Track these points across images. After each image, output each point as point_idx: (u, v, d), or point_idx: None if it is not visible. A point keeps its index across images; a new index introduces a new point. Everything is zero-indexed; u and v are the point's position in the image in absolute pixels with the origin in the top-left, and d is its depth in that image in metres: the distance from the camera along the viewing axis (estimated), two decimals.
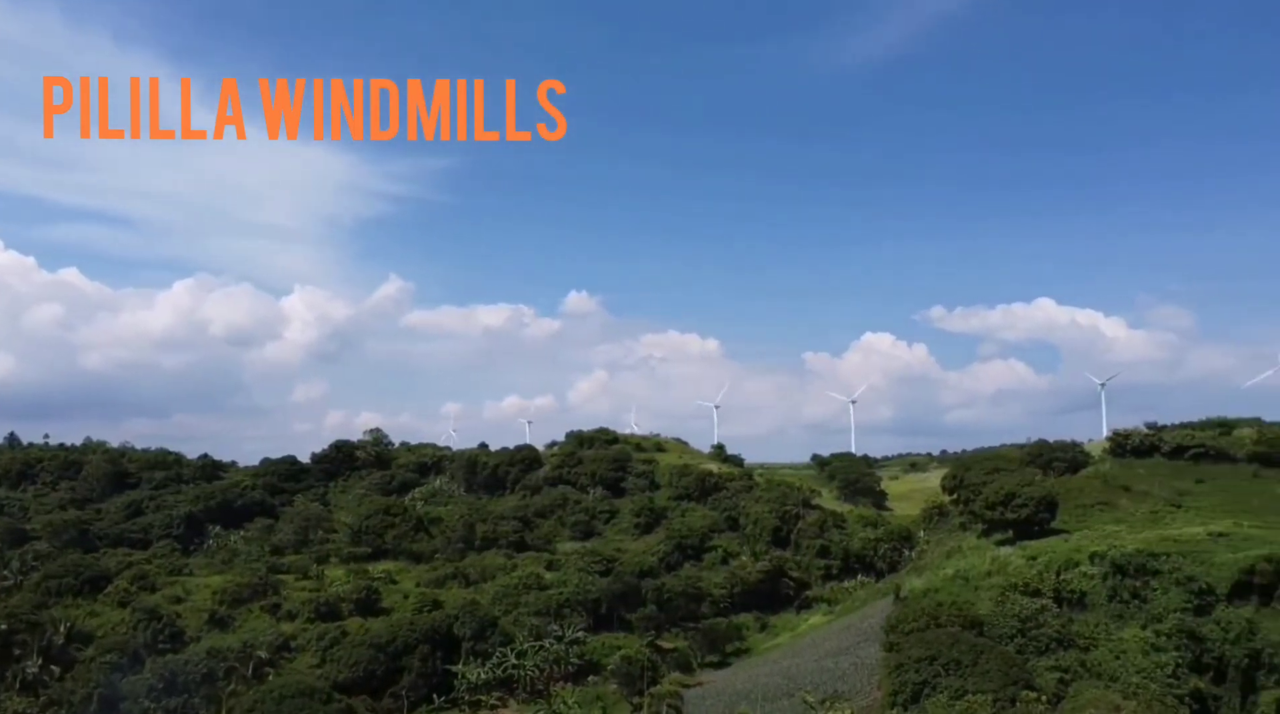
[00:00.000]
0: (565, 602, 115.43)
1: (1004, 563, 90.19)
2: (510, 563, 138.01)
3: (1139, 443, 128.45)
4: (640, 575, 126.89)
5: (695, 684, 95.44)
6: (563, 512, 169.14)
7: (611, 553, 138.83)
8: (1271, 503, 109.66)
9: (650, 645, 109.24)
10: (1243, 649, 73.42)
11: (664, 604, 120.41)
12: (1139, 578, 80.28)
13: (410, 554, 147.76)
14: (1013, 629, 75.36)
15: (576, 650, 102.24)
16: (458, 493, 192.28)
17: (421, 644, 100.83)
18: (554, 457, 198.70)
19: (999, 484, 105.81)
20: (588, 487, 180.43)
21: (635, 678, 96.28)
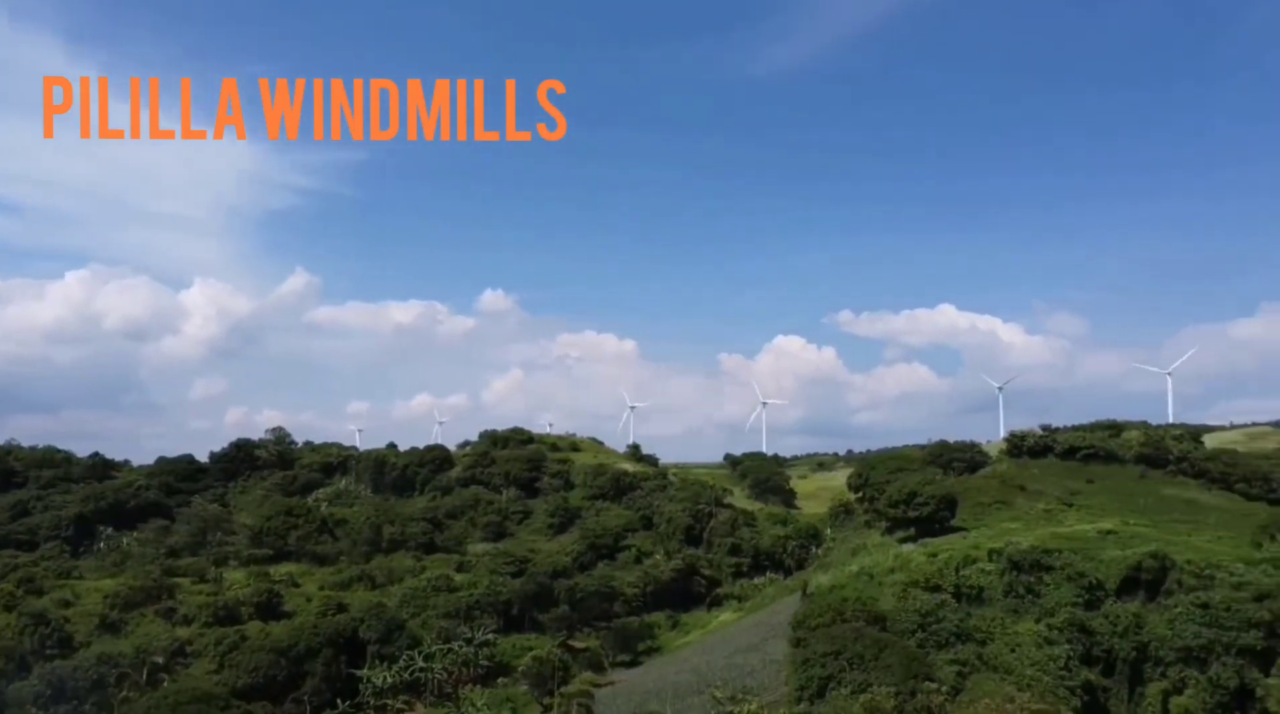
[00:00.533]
0: (475, 603, 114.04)
1: (906, 560, 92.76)
2: (419, 565, 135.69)
3: (1034, 444, 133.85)
4: (553, 576, 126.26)
5: (606, 683, 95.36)
6: (474, 512, 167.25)
7: (524, 553, 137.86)
8: (1157, 502, 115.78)
9: (562, 646, 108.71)
10: (1130, 642, 77.09)
11: (577, 604, 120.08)
12: (1033, 574, 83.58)
13: (314, 556, 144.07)
14: (914, 624, 77.52)
15: (486, 652, 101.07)
16: (364, 494, 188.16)
17: (325, 648, 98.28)
18: (466, 457, 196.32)
19: (902, 483, 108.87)
20: (501, 487, 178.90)
21: (546, 678, 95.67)
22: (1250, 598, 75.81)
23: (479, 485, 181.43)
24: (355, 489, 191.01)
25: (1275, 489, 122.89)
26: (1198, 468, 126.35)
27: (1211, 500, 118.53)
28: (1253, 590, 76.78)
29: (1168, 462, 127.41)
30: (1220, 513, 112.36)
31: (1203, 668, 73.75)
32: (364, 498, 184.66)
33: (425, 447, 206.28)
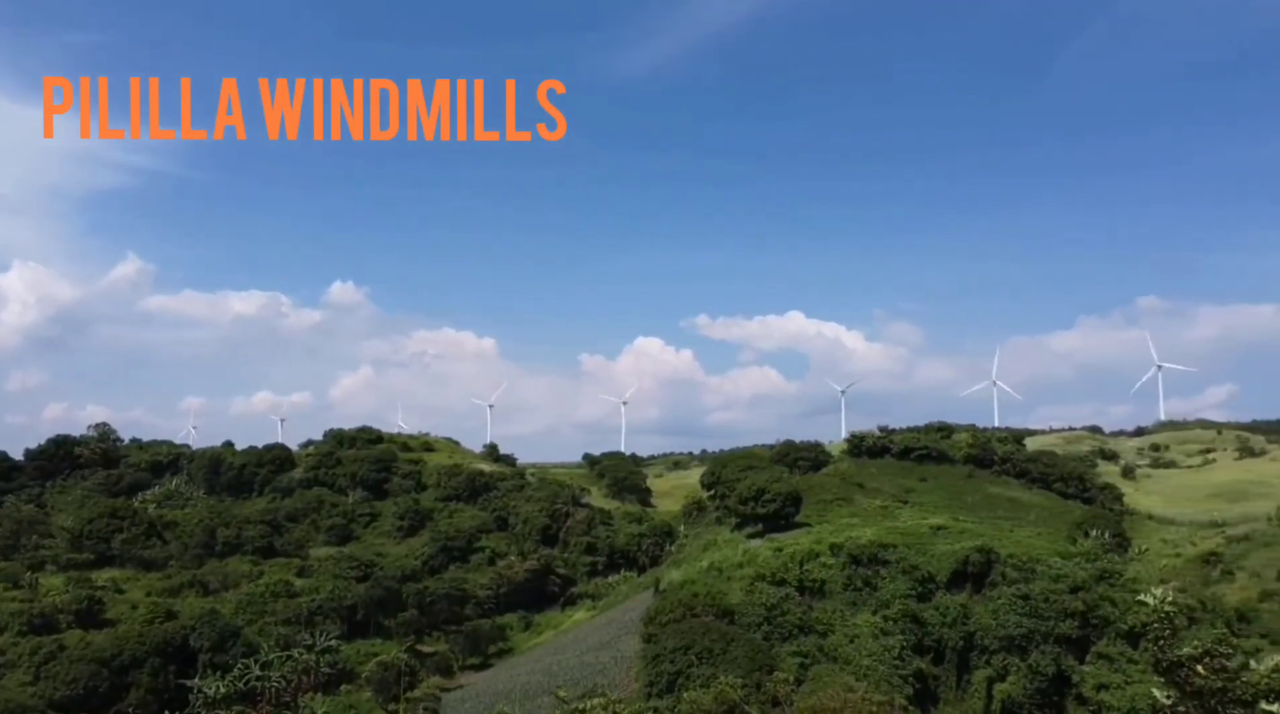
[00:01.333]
0: (318, 609, 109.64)
1: (754, 554, 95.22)
2: (256, 570, 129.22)
3: (873, 444, 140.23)
4: (401, 579, 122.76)
5: (455, 687, 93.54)
6: (317, 515, 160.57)
7: (371, 557, 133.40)
8: (983, 500, 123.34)
9: (409, 650, 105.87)
10: (958, 632, 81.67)
11: (426, 608, 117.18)
12: (871, 567, 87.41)
13: (140, 561, 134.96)
14: (760, 617, 79.60)
15: (329, 659, 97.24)
16: (197, 495, 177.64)
17: (152, 658, 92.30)
18: (309, 456, 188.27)
19: (751, 481, 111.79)
20: (347, 488, 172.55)
21: (391, 684, 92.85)
22: (1066, 589, 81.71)
23: (323, 486, 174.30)
24: (187, 490, 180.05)
25: (1089, 489, 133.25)
26: (1020, 468, 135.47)
27: (1032, 498, 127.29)
28: (1069, 583, 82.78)
29: (993, 462, 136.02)
30: (1039, 510, 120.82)
31: (1024, 656, 78.90)
32: (197, 499, 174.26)
33: (265, 446, 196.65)
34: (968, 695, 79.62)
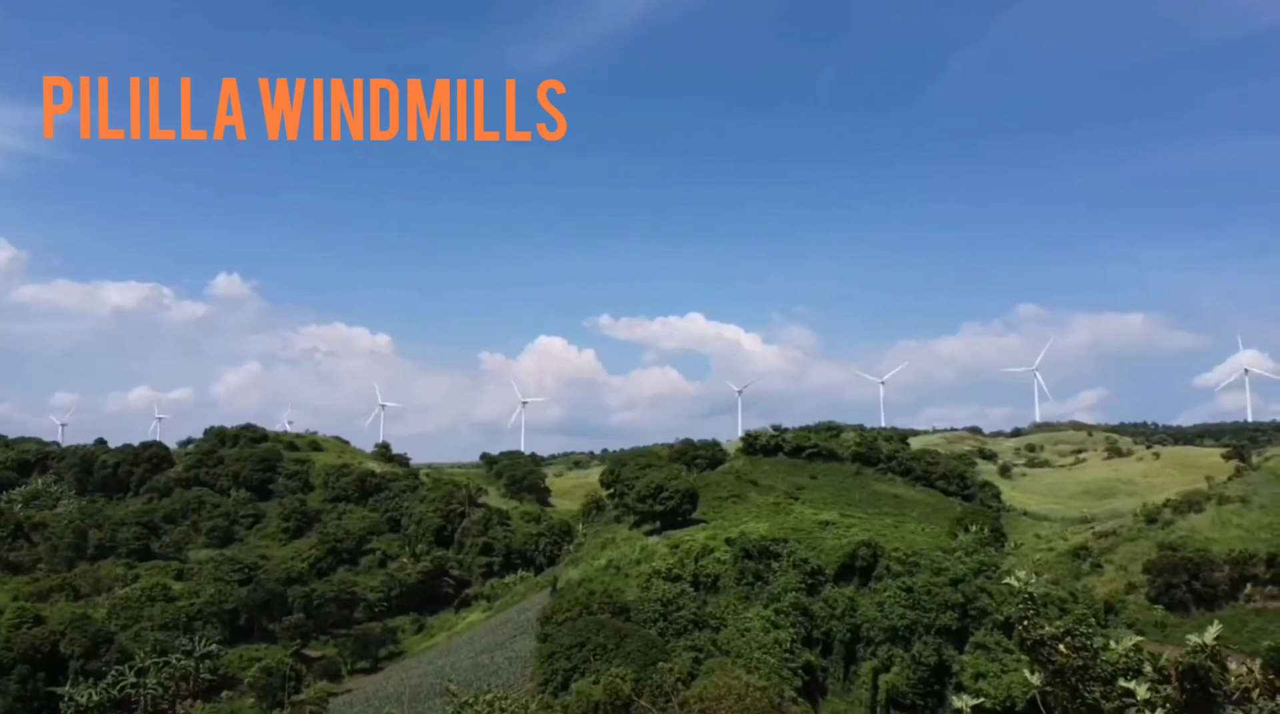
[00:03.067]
0: (197, 613, 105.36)
1: (651, 551, 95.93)
2: (131, 573, 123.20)
3: (766, 443, 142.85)
4: (286, 582, 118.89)
5: (343, 691, 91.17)
6: (197, 516, 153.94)
7: (254, 560, 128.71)
8: (869, 496, 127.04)
9: (295, 655, 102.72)
10: (846, 624, 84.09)
11: (312, 611, 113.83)
12: (763, 561, 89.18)
13: (6, 564, 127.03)
14: (656, 613, 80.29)
15: (209, 665, 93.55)
16: (67, 495, 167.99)
17: (19, 665, 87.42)
18: (189, 455, 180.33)
19: (649, 479, 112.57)
20: (229, 488, 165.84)
21: (276, 690, 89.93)
22: (947, 582, 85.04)
23: (203, 486, 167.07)
24: (56, 489, 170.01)
25: (968, 486, 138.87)
26: (904, 466, 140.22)
27: (915, 495, 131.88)
28: (949, 576, 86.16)
29: (879, 460, 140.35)
30: (922, 507, 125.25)
31: (907, 646, 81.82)
32: (67, 500, 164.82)
33: (141, 444, 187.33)
34: (854, 686, 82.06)
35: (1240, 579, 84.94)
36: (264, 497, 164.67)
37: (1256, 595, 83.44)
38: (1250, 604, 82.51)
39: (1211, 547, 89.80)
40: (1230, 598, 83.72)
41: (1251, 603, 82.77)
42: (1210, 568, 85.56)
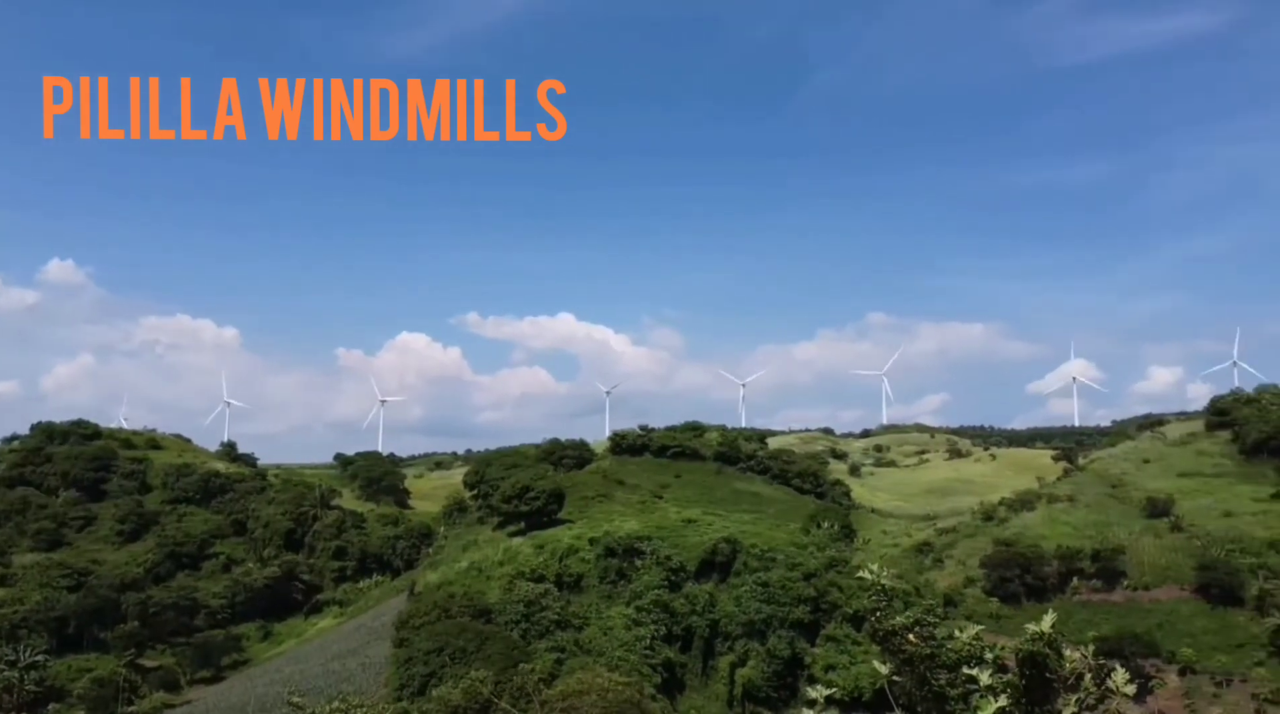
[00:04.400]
0: (21, 621, 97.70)
1: (515, 552, 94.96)
2: None
3: (633, 442, 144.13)
4: (120, 588, 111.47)
5: (182, 702, 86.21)
6: (22, 517, 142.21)
7: (85, 564, 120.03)
8: (730, 494, 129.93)
9: (129, 665, 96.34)
10: (705, 620, 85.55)
11: (149, 619, 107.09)
12: (626, 559, 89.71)
13: None
14: (518, 615, 79.49)
15: (35, 676, 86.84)
16: None
17: None
18: (13, 453, 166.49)
19: (515, 479, 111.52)
20: (58, 488, 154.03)
21: (109, 701, 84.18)
22: (801, 577, 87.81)
23: (29, 486, 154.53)
24: None
25: (821, 485, 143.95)
26: (762, 465, 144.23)
27: (773, 493, 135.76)
28: (803, 570, 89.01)
29: (740, 460, 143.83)
30: (779, 504, 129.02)
31: (763, 640, 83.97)
32: None
33: None
34: (712, 681, 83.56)
35: (1068, 573, 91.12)
36: (96, 498, 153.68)
37: (1082, 589, 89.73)
38: (1076, 597, 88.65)
39: (1042, 543, 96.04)
40: (1059, 591, 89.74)
41: (1078, 596, 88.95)
42: (1041, 563, 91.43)
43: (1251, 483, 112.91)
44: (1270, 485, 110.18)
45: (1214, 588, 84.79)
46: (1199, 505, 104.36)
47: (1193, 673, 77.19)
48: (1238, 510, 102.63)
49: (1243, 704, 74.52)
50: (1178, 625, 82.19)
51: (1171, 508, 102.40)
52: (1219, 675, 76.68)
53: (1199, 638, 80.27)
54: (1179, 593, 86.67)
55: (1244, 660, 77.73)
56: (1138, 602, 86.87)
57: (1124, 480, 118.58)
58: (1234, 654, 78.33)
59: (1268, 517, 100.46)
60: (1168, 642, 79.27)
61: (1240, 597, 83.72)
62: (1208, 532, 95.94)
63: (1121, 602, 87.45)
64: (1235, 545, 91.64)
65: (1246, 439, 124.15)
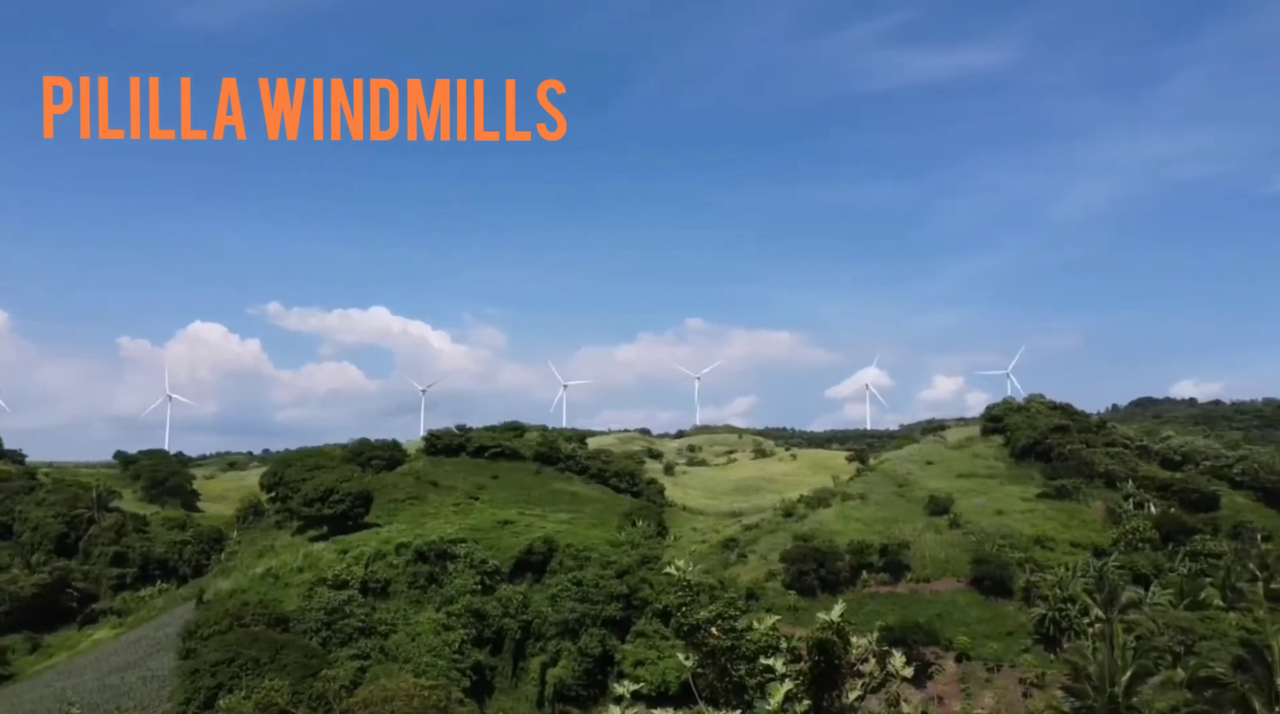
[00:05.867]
0: None
1: (316, 558, 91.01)
2: None
3: (449, 442, 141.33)
4: None
5: None
6: None
7: None
8: (548, 494, 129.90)
9: None
10: (518, 622, 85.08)
11: None
12: (438, 564, 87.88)
13: None
14: (319, 622, 76.23)
15: None
16: None
17: None
18: None
19: (318, 481, 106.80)
20: None
21: None
22: (614, 575, 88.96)
23: None
24: None
25: (637, 484, 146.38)
26: (581, 465, 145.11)
27: (590, 493, 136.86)
28: (616, 568, 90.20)
29: (559, 460, 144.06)
30: (596, 503, 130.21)
31: (575, 639, 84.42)
32: None
33: None
34: (522, 682, 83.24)
35: (858, 567, 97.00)
36: None
37: (871, 581, 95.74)
38: (866, 589, 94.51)
39: (836, 538, 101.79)
40: (850, 583, 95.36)
41: (867, 588, 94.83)
42: (835, 557, 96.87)
43: (1020, 484, 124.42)
44: (1036, 486, 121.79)
45: (986, 580, 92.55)
46: (974, 504, 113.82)
47: (968, 659, 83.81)
48: (1008, 509, 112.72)
49: (1011, 688, 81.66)
50: (955, 615, 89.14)
51: (950, 506, 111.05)
52: (991, 662, 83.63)
53: (973, 627, 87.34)
54: (956, 585, 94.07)
55: (1013, 648, 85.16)
56: (920, 593, 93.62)
57: (909, 480, 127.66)
58: (1004, 642, 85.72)
59: (1033, 515, 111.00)
60: (946, 630, 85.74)
61: (1010, 588, 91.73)
62: (981, 528, 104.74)
63: (906, 593, 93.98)
64: (1005, 541, 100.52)
65: (1016, 444, 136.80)
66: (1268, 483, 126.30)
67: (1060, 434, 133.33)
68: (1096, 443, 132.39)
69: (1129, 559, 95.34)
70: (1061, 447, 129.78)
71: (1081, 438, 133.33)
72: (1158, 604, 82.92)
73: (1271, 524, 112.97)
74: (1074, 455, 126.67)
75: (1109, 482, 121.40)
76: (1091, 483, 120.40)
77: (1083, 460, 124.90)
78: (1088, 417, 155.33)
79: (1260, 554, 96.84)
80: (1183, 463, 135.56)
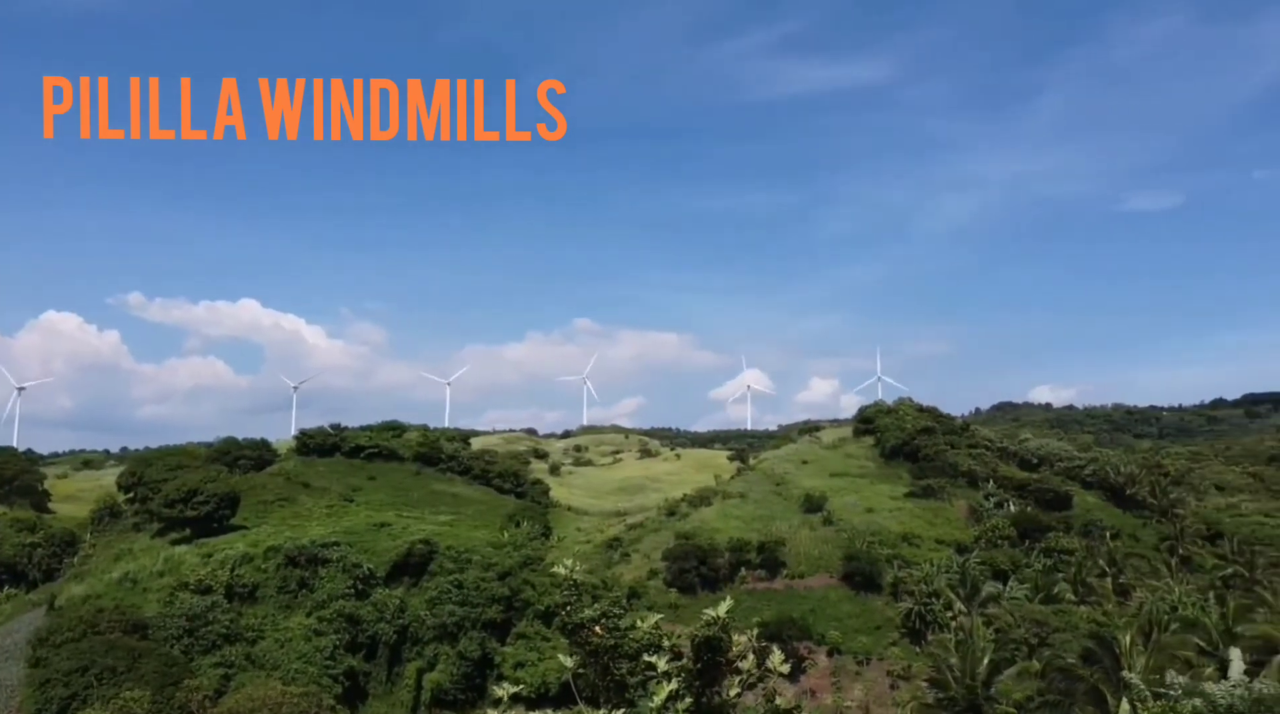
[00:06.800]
0: None
1: (178, 562, 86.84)
2: None
3: (322, 442, 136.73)
4: None
5: None
6: None
7: None
8: (428, 496, 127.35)
9: None
10: (393, 626, 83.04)
11: None
12: (309, 568, 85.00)
13: None
14: (180, 629, 72.75)
15: None
16: None
17: None
18: None
19: (181, 481, 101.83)
20: None
21: None
22: (495, 577, 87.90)
23: None
24: None
25: (522, 484, 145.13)
26: (464, 465, 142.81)
27: (473, 494, 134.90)
28: (498, 570, 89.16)
29: (440, 460, 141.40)
30: (479, 505, 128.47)
31: (454, 643, 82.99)
32: None
33: None
34: (397, 688, 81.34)
35: (737, 564, 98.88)
36: None
37: (749, 578, 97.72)
38: (744, 586, 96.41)
39: (716, 536, 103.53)
40: (729, 580, 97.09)
41: (745, 585, 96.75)
42: (715, 555, 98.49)
43: (889, 483, 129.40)
44: (904, 485, 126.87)
45: (857, 576, 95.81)
46: (846, 502, 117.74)
47: (839, 653, 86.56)
48: (878, 507, 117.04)
49: (879, 680, 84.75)
50: (827, 610, 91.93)
51: (824, 504, 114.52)
52: (860, 655, 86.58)
53: (844, 621, 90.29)
54: (829, 581, 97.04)
55: (881, 641, 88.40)
56: (795, 589, 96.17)
57: (786, 479, 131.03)
58: (873, 635, 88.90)
59: (901, 513, 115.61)
60: (819, 625, 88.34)
61: (879, 584, 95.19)
62: (853, 526, 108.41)
63: (781, 589, 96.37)
64: (875, 538, 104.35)
65: (885, 444, 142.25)
66: (1115, 483, 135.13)
67: (927, 436, 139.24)
68: (960, 444, 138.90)
69: (989, 555, 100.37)
70: (928, 448, 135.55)
71: (946, 440, 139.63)
72: (1015, 598, 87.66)
73: (1119, 522, 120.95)
74: (939, 456, 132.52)
75: (971, 481, 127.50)
76: (955, 482, 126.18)
77: (947, 461, 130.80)
78: (953, 419, 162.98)
79: (1109, 551, 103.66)
80: (1039, 464, 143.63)
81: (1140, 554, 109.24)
